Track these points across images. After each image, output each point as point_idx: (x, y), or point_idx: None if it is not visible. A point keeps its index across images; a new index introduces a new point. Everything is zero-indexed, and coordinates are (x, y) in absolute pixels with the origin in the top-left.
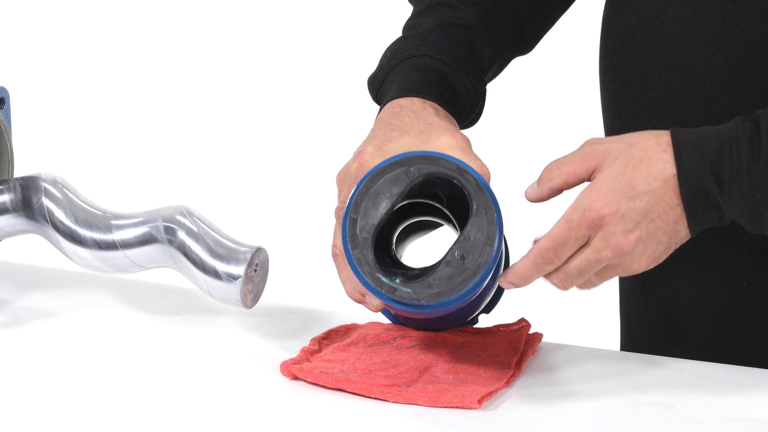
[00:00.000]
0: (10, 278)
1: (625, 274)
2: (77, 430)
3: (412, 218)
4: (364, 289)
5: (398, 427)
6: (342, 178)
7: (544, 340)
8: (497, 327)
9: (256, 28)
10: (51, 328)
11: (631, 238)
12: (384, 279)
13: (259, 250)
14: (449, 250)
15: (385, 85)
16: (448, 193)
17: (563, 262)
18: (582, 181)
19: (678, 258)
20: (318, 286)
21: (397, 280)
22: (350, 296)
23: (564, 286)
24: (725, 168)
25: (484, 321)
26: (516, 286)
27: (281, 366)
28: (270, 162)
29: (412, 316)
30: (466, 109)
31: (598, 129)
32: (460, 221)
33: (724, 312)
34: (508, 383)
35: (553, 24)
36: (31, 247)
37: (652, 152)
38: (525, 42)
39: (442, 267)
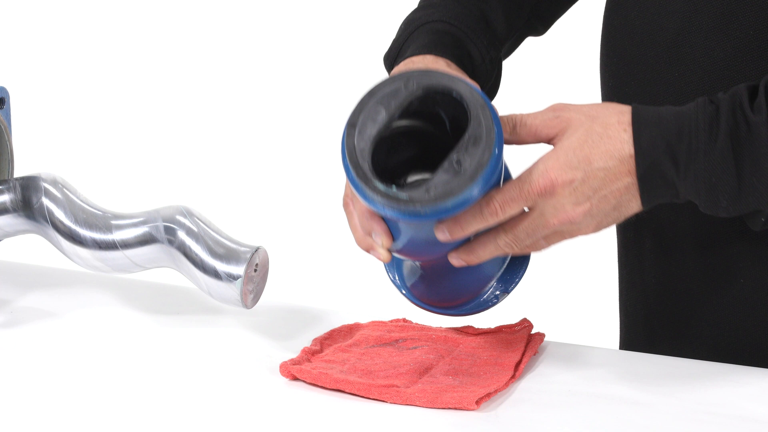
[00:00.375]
0: (10, 278)
1: (570, 238)
2: (77, 430)
3: (426, 172)
4: (371, 224)
5: (398, 427)
6: None
7: (546, 338)
8: (499, 328)
9: (256, 28)
10: (51, 328)
11: (580, 211)
12: (380, 186)
13: (258, 250)
14: (447, 158)
15: (399, 56)
16: (451, 114)
17: (506, 218)
18: (539, 142)
19: (677, 254)
20: (318, 286)
21: (394, 188)
22: (359, 244)
23: (512, 246)
24: (683, 150)
25: (487, 322)
26: (453, 235)
27: (281, 367)
28: (270, 162)
29: (419, 256)
30: (481, 74)
31: None
32: None
33: (722, 309)
34: (507, 385)
35: (568, 7)
36: (31, 247)
37: (612, 130)
38: (539, 22)
39: (440, 174)
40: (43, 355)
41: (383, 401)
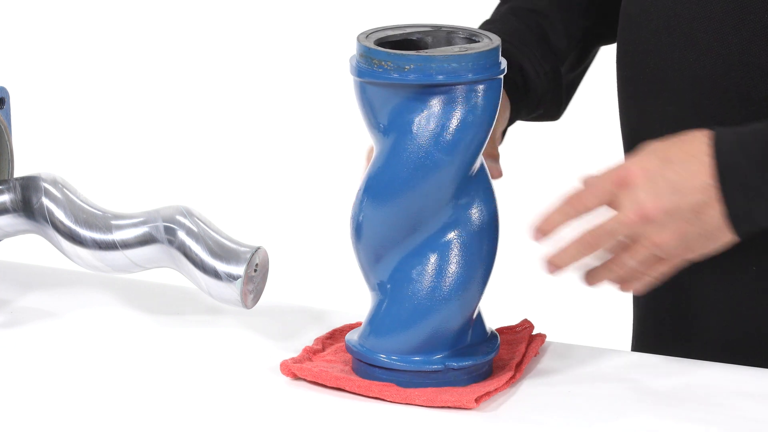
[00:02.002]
0: (10, 278)
1: (656, 250)
2: (77, 430)
3: None
4: None
5: (397, 426)
6: (370, 153)
7: (547, 339)
8: (500, 329)
9: (256, 28)
10: (51, 328)
11: (659, 204)
12: (375, 46)
13: (258, 250)
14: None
15: None
16: None
17: (584, 211)
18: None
19: None
20: (319, 285)
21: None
22: None
23: (597, 245)
24: (759, 146)
25: (488, 323)
26: (540, 231)
27: (281, 365)
28: (270, 162)
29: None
30: (536, 87)
31: (613, 116)
32: None
33: (734, 298)
34: (508, 385)
35: None
36: (31, 247)
37: (694, 140)
38: (607, 29)
39: (434, 50)
40: (43, 355)
41: (383, 399)
